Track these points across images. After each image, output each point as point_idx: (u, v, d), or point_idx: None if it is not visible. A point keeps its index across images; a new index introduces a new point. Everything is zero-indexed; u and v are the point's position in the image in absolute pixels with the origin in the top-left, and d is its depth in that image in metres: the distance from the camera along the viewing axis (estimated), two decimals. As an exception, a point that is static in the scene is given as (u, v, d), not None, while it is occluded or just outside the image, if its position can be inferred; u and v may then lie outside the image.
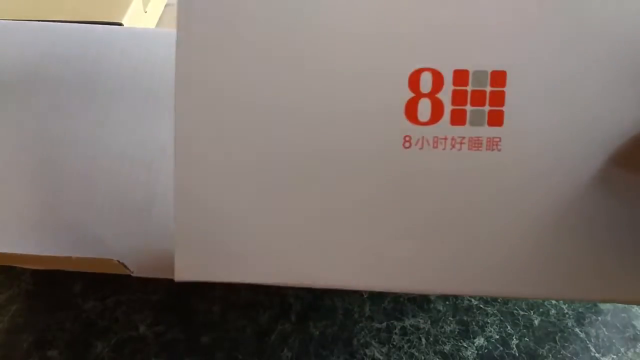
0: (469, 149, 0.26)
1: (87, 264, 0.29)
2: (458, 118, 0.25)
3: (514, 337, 0.42)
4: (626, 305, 0.44)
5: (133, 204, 0.29)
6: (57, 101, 0.34)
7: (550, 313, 0.44)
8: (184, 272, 0.26)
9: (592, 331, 0.43)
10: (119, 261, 0.27)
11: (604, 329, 0.43)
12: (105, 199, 0.30)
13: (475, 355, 0.41)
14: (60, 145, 0.32)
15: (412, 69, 0.25)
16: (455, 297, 0.44)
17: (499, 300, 0.44)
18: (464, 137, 0.26)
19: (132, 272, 0.27)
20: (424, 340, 0.42)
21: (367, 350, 0.41)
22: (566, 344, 0.42)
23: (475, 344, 0.42)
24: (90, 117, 0.33)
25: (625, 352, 0.42)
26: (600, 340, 0.43)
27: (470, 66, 0.25)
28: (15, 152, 0.31)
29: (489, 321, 0.43)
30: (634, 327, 0.43)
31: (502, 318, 0.43)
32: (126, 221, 0.29)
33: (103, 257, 0.27)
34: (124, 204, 0.29)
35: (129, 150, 0.31)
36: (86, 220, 0.29)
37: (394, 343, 0.42)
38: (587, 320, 0.44)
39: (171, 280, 0.46)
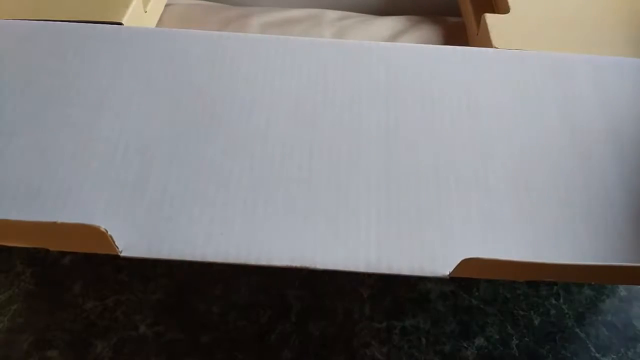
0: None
1: (73, 236, 0.29)
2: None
3: (514, 337, 0.42)
4: (626, 305, 0.44)
5: (125, 184, 0.30)
6: (54, 91, 0.34)
7: (550, 313, 0.44)
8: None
9: (592, 331, 0.43)
10: (106, 230, 0.27)
11: (604, 329, 0.43)
12: (97, 177, 0.30)
13: (475, 355, 0.41)
14: (55, 128, 0.32)
15: None
16: (455, 297, 0.44)
17: (499, 300, 0.44)
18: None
19: (120, 252, 0.27)
20: (424, 340, 0.42)
21: (367, 350, 0.41)
22: (566, 344, 0.42)
23: (475, 344, 0.42)
24: (86, 105, 0.33)
25: (625, 352, 0.42)
26: (600, 340, 0.43)
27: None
28: (13, 132, 0.32)
29: (489, 321, 0.43)
30: (634, 327, 0.43)
31: (502, 318, 0.43)
32: (117, 200, 0.29)
33: (89, 224, 0.27)
34: (116, 183, 0.30)
35: (123, 135, 0.32)
36: (75, 194, 0.29)
37: (394, 343, 0.42)
38: (587, 320, 0.44)
39: (171, 280, 0.46)
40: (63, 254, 0.46)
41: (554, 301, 0.44)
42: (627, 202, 0.30)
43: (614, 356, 0.42)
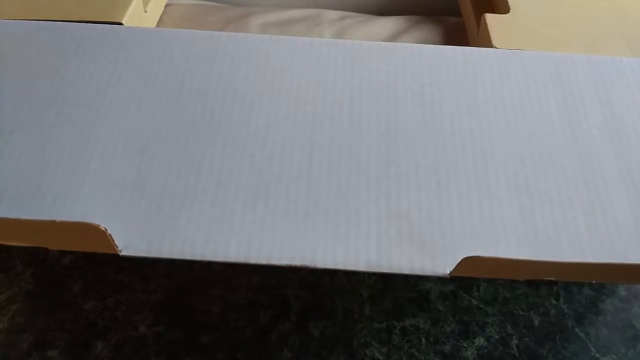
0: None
1: (72, 235, 0.29)
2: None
3: (514, 337, 0.42)
4: (626, 305, 0.44)
5: (125, 184, 0.30)
6: (53, 90, 0.34)
7: (550, 313, 0.44)
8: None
9: (592, 331, 0.43)
10: (105, 229, 0.27)
11: (604, 329, 0.43)
12: (97, 176, 0.30)
13: (475, 355, 0.41)
14: (55, 127, 0.32)
15: None
16: (455, 297, 0.44)
17: (499, 300, 0.44)
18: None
19: (120, 251, 0.27)
20: (424, 340, 0.42)
21: (367, 350, 0.41)
22: (566, 344, 0.42)
23: (475, 344, 0.42)
24: (86, 105, 0.33)
25: (625, 352, 0.42)
26: (600, 340, 0.43)
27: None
28: (12, 131, 0.32)
29: (489, 321, 0.43)
30: (634, 327, 0.43)
31: (502, 318, 0.43)
32: (117, 199, 0.29)
33: (88, 222, 0.27)
34: (115, 182, 0.30)
35: (123, 135, 0.32)
36: (75, 193, 0.29)
37: (394, 343, 0.42)
38: (587, 320, 0.44)
39: (171, 280, 0.46)
40: (63, 254, 0.46)
41: (554, 301, 0.44)
42: (627, 201, 0.30)
43: (614, 356, 0.42)
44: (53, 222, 0.28)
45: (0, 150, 0.31)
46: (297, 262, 0.27)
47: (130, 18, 0.39)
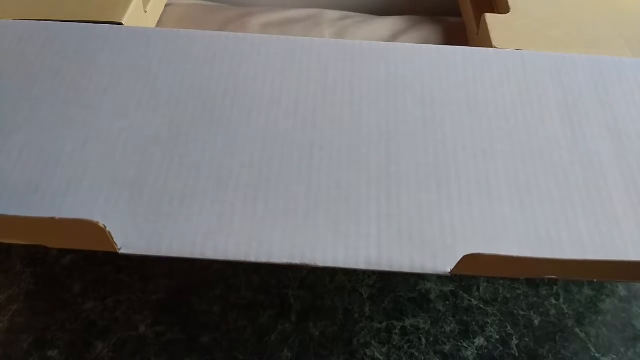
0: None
1: (71, 233, 0.29)
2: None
3: (514, 337, 0.42)
4: (626, 305, 0.44)
5: (124, 182, 0.30)
6: (53, 90, 0.34)
7: (550, 313, 0.44)
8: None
9: (592, 331, 0.43)
10: (104, 227, 0.27)
11: (604, 329, 0.43)
12: (96, 175, 0.30)
13: (475, 355, 0.41)
14: (55, 127, 0.32)
15: None
16: (455, 297, 0.44)
17: (499, 300, 0.44)
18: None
19: (119, 249, 0.27)
20: (424, 340, 0.42)
21: (367, 350, 0.41)
22: (566, 344, 0.42)
23: (475, 344, 0.42)
24: (86, 105, 0.33)
25: (625, 352, 0.42)
26: (600, 340, 0.43)
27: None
28: (12, 131, 0.32)
29: (489, 321, 0.43)
30: (634, 327, 0.43)
31: (502, 318, 0.43)
32: (116, 197, 0.29)
33: (87, 219, 0.27)
34: (115, 181, 0.30)
35: (122, 135, 0.32)
36: (74, 191, 0.29)
37: (394, 343, 0.42)
38: (587, 320, 0.44)
39: (171, 280, 0.46)
40: (63, 253, 0.46)
41: (554, 301, 0.44)
42: (628, 199, 0.30)
43: (614, 356, 0.42)
44: (52, 219, 0.28)
45: (0, 149, 0.31)
46: (297, 260, 0.27)
47: (130, 18, 0.39)
